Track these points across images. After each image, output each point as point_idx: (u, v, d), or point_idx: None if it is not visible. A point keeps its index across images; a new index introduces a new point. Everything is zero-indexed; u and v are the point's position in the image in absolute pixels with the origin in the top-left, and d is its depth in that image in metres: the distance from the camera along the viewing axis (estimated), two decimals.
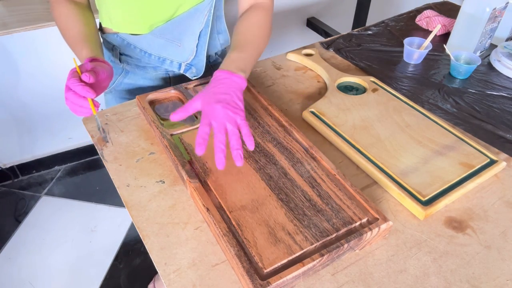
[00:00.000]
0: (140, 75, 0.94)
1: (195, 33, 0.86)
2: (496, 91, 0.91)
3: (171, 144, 0.68)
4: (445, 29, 1.13)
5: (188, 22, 0.84)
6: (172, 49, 0.88)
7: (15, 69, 1.53)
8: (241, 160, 0.60)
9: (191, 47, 0.88)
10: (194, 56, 0.89)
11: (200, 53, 0.89)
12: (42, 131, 1.76)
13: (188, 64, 0.90)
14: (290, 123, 0.73)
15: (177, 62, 0.90)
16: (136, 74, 0.94)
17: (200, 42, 0.88)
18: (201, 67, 0.91)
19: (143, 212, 0.62)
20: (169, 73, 0.95)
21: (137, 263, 1.50)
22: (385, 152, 0.71)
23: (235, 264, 0.51)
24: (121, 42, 0.88)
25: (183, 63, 0.90)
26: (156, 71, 0.93)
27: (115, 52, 0.91)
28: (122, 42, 0.88)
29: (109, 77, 0.73)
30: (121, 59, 0.91)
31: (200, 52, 0.89)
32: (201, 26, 0.85)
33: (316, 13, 2.07)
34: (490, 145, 0.76)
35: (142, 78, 0.94)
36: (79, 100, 0.65)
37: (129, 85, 0.96)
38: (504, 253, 0.58)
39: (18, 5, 1.37)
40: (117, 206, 1.70)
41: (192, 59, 0.89)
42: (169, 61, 0.90)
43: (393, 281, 0.54)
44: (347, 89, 0.88)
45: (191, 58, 0.89)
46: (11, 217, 1.65)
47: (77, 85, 0.63)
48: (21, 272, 1.46)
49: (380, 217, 0.57)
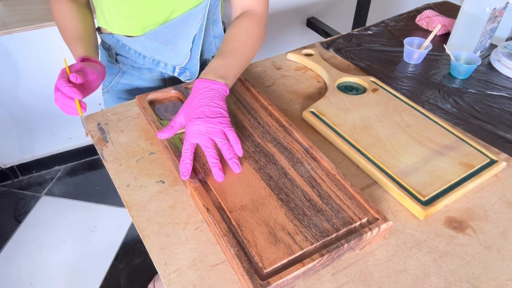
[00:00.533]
0: (136, 75, 0.94)
1: (189, 37, 0.86)
2: (496, 91, 0.91)
3: (171, 144, 0.68)
4: (445, 29, 1.13)
5: (182, 26, 0.84)
6: (166, 52, 0.88)
7: (15, 69, 1.53)
8: (238, 167, 0.63)
9: (185, 51, 0.88)
10: (188, 60, 0.89)
11: (194, 57, 0.89)
12: (42, 131, 1.76)
13: (182, 67, 0.90)
14: (290, 123, 0.73)
15: (171, 65, 0.90)
16: (132, 75, 0.94)
17: (194, 46, 0.88)
18: (195, 71, 0.91)
19: (143, 212, 0.62)
20: (164, 75, 0.95)
21: (137, 263, 1.50)
22: (385, 152, 0.71)
23: (235, 264, 0.51)
24: (116, 42, 0.88)
25: (177, 66, 0.90)
26: (151, 73, 0.93)
27: (111, 52, 0.91)
28: (117, 43, 0.88)
29: (99, 78, 0.73)
30: (117, 59, 0.91)
31: (194, 56, 0.89)
32: (195, 30, 0.85)
33: (316, 13, 2.07)
34: (490, 145, 0.76)
35: (138, 78, 0.94)
36: (66, 101, 0.65)
37: (126, 85, 0.96)
38: (504, 253, 0.58)
39: (18, 5, 1.37)
40: (117, 206, 1.70)
41: (186, 63, 0.89)
42: (163, 64, 0.90)
43: (393, 281, 0.54)
44: (347, 89, 0.88)
45: (185, 62, 0.89)
46: (11, 217, 1.65)
47: (65, 86, 0.64)
48: (21, 272, 1.46)
49: (380, 217, 0.57)
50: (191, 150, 0.64)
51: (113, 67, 0.93)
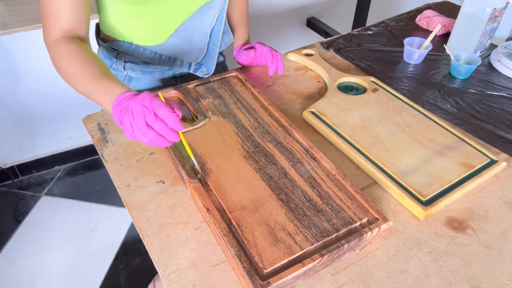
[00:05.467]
0: (144, 80, 0.92)
1: (206, 31, 0.86)
2: (496, 91, 0.91)
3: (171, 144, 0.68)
4: (445, 29, 1.13)
5: (200, 19, 0.84)
6: (183, 48, 0.87)
7: (15, 69, 1.53)
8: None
9: (201, 45, 0.88)
10: (205, 55, 0.90)
11: (211, 50, 0.90)
12: (42, 131, 1.76)
13: (198, 63, 0.91)
14: (290, 123, 0.73)
15: (187, 62, 0.90)
16: (140, 80, 0.92)
17: (212, 40, 0.89)
18: (211, 66, 0.92)
19: (143, 212, 0.62)
20: (176, 76, 0.95)
21: (137, 263, 1.50)
22: (385, 152, 0.70)
23: (235, 264, 0.51)
24: (128, 46, 0.85)
25: (193, 63, 0.90)
26: (163, 75, 0.92)
27: (120, 59, 0.88)
28: (129, 46, 0.85)
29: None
30: (125, 66, 0.89)
31: (212, 49, 0.90)
32: (212, 23, 0.86)
33: (316, 13, 2.07)
34: (490, 145, 0.76)
35: (147, 83, 0.93)
36: (169, 133, 0.57)
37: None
38: (505, 253, 0.58)
39: (18, 5, 1.37)
40: (117, 206, 1.70)
41: (202, 58, 0.90)
42: (180, 61, 0.89)
43: (394, 281, 0.54)
44: (347, 89, 0.88)
45: (201, 57, 0.90)
46: (11, 217, 1.65)
47: (171, 115, 0.55)
48: (20, 272, 1.45)
49: (380, 217, 0.57)
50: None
51: (119, 75, 0.91)
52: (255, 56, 0.91)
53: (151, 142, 0.57)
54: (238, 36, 1.01)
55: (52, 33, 0.71)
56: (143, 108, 0.56)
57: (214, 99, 0.80)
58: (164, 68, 0.90)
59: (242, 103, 0.79)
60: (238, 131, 0.72)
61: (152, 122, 0.55)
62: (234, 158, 0.66)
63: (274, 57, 0.87)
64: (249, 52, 0.92)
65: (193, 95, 0.81)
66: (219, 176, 0.63)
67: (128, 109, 0.57)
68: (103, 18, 0.83)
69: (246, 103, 0.79)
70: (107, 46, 0.87)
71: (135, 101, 0.56)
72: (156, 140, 0.56)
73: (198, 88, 0.83)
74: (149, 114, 0.55)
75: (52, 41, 0.71)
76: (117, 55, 0.88)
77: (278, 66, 0.88)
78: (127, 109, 0.57)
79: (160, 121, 0.55)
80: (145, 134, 0.56)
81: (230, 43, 0.99)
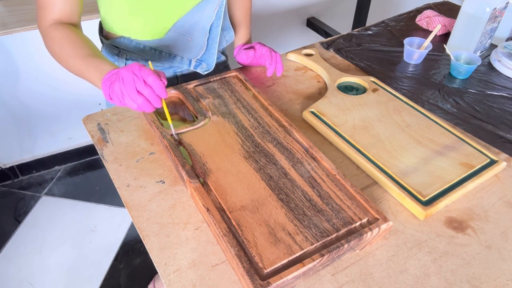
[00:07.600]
0: None
1: (205, 27, 0.87)
2: (496, 91, 0.91)
3: (171, 144, 0.68)
4: (445, 29, 1.13)
5: (199, 15, 0.85)
6: (183, 44, 0.88)
7: (15, 69, 1.53)
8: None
9: (201, 42, 0.88)
10: (205, 51, 0.90)
11: (211, 46, 0.90)
12: (42, 131, 1.76)
13: (198, 59, 0.91)
14: (290, 123, 0.73)
15: (187, 59, 0.90)
16: None
17: (212, 35, 0.89)
18: (211, 62, 0.92)
19: (143, 212, 0.62)
20: (177, 74, 0.95)
21: (137, 263, 1.50)
22: (385, 152, 0.70)
23: (235, 264, 0.51)
24: (129, 43, 0.86)
25: (193, 59, 0.91)
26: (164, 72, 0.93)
27: (121, 56, 0.89)
28: (130, 43, 0.86)
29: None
30: (126, 64, 0.90)
31: (212, 45, 0.90)
32: (211, 19, 0.86)
33: (316, 13, 2.07)
34: (490, 145, 0.76)
35: None
36: (155, 98, 0.62)
37: None
38: (505, 253, 0.58)
39: (18, 5, 1.37)
40: (117, 206, 1.70)
41: (202, 54, 0.90)
42: (180, 58, 0.90)
43: (394, 281, 0.54)
44: (347, 89, 0.88)
45: (201, 53, 0.90)
46: (11, 217, 1.65)
47: (158, 82, 0.60)
48: (20, 272, 1.45)
49: (380, 217, 0.57)
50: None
51: None
52: (255, 57, 0.90)
53: (140, 107, 0.61)
54: (239, 36, 1.01)
55: (45, 21, 0.76)
56: (133, 75, 0.60)
57: (214, 99, 0.80)
58: (164, 65, 0.91)
59: (242, 103, 0.79)
60: (238, 131, 0.72)
61: (142, 88, 0.60)
62: (234, 158, 0.66)
63: (273, 59, 0.87)
64: (248, 52, 0.92)
65: (193, 95, 0.81)
66: (219, 176, 0.63)
67: (119, 76, 0.61)
68: (103, 14, 0.85)
69: (246, 103, 0.79)
70: (109, 44, 0.88)
71: (126, 69, 0.61)
72: (144, 106, 0.61)
73: (198, 88, 0.83)
74: (139, 81, 0.60)
75: (45, 27, 0.76)
76: (118, 53, 0.89)
77: (277, 68, 0.88)
78: (118, 77, 0.61)
79: (149, 88, 0.60)
80: (134, 99, 0.60)
81: (232, 40, 0.99)
